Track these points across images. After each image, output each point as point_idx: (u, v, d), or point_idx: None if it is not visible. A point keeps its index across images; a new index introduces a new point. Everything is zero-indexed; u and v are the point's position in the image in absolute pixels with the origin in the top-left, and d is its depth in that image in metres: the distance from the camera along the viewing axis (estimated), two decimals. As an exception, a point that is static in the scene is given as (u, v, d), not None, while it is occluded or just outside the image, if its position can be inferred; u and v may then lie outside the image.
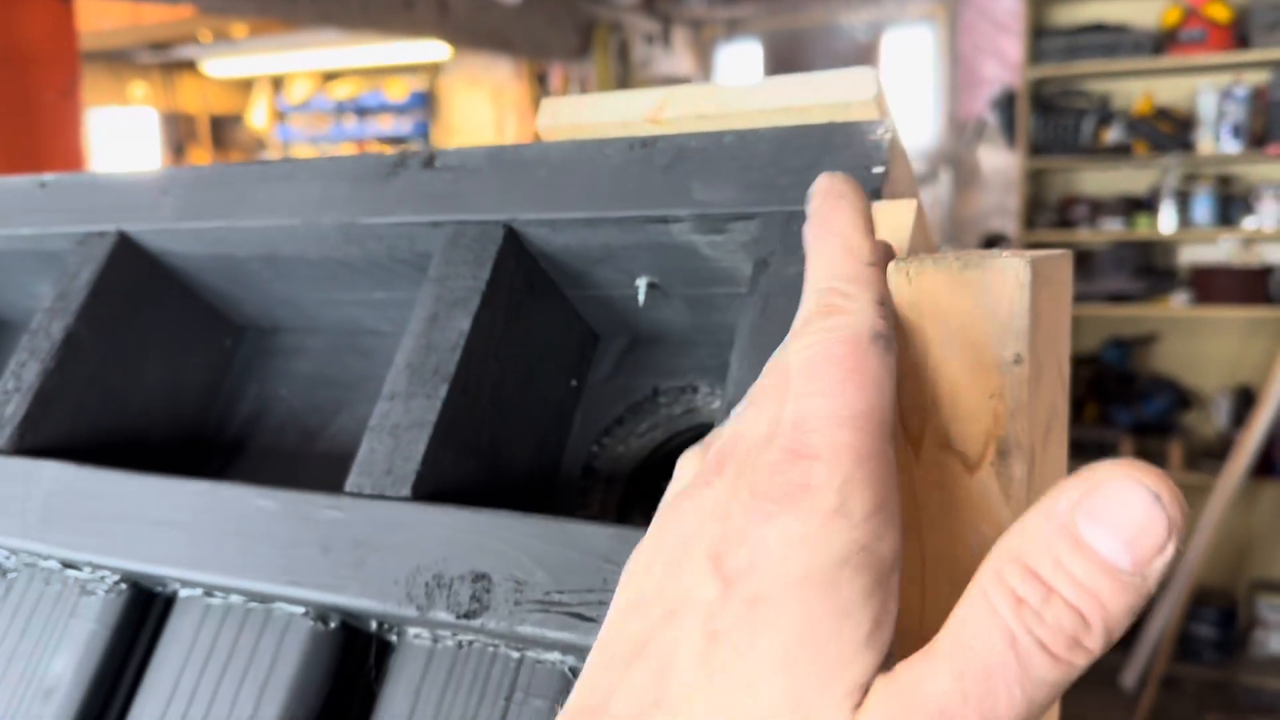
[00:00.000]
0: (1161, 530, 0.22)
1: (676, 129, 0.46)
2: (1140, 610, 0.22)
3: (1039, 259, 0.33)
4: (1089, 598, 0.22)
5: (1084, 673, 0.23)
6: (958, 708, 0.22)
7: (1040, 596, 0.22)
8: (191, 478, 0.47)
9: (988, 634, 0.23)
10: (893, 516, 0.25)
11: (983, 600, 0.23)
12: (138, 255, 0.57)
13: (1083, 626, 0.22)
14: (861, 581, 0.24)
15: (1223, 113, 3.37)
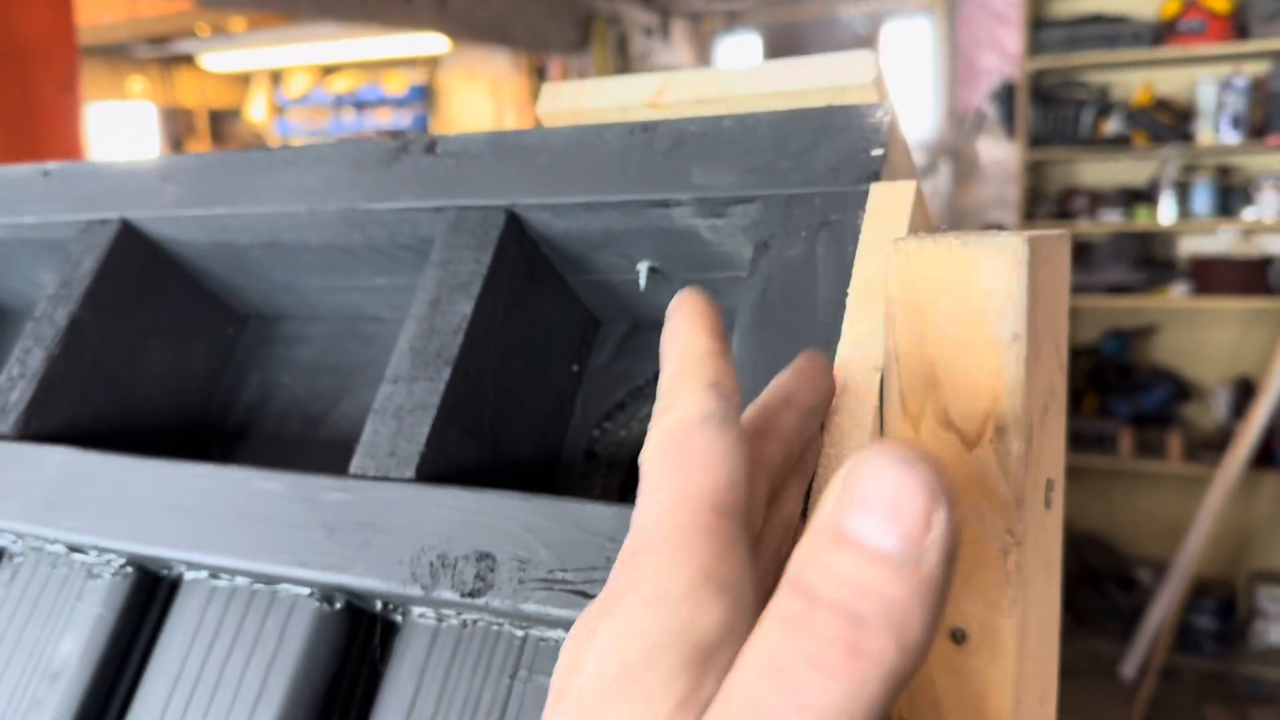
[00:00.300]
0: (920, 496, 0.20)
1: (676, 114, 0.46)
2: (939, 593, 0.20)
3: (1036, 238, 0.34)
4: (858, 592, 0.20)
5: (905, 677, 0.20)
6: None
7: (804, 608, 0.20)
8: (196, 461, 0.47)
9: (753, 670, 0.21)
10: (725, 588, 0.23)
11: (755, 635, 0.21)
12: (140, 243, 0.58)
13: (857, 626, 0.20)
14: (666, 664, 0.22)
15: (1222, 103, 3.37)
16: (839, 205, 0.41)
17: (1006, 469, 0.33)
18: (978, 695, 0.35)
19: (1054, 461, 0.38)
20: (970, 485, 0.34)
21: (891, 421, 0.35)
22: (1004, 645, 0.34)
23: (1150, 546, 3.61)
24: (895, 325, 0.35)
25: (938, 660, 0.35)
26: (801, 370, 0.35)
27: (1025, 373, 0.33)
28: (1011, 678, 0.35)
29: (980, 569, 0.34)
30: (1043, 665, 0.38)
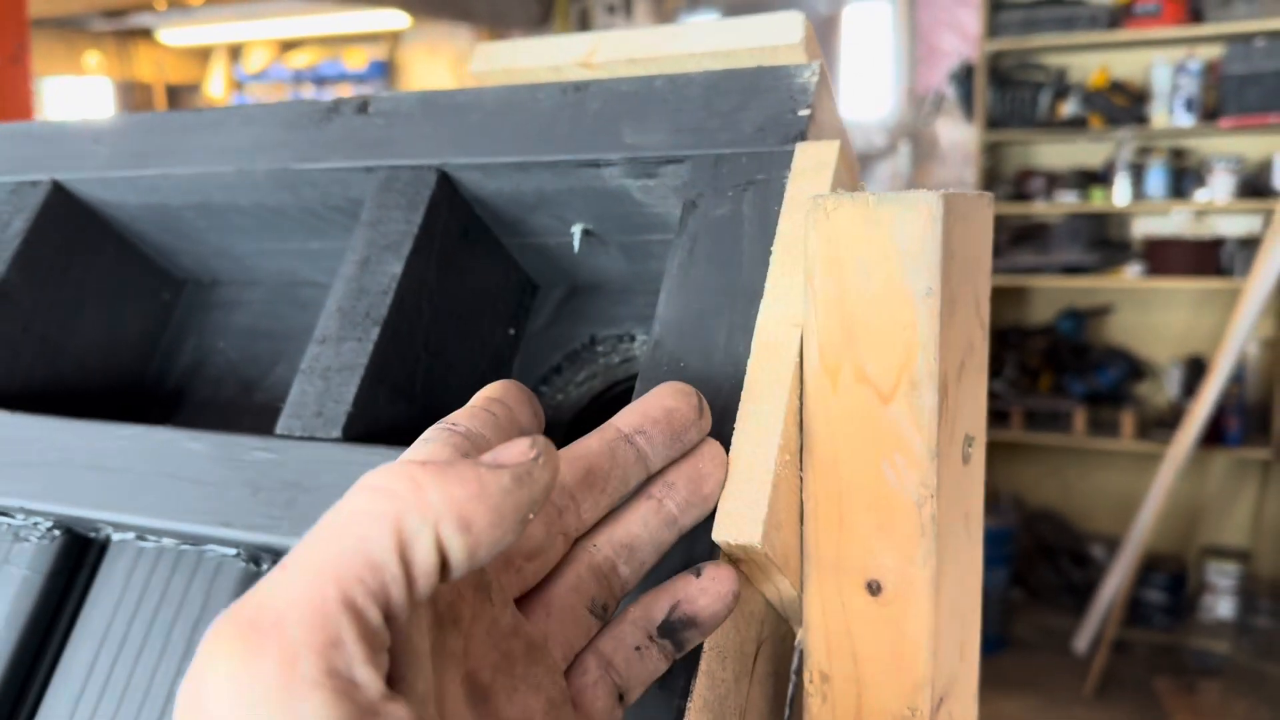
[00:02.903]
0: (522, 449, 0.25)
1: (608, 73, 0.46)
2: (500, 504, 0.23)
3: (952, 195, 0.34)
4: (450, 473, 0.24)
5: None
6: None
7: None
8: (123, 423, 0.47)
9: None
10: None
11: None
12: (71, 204, 0.57)
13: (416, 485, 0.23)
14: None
15: (1176, 86, 3.41)
16: (765, 165, 0.41)
17: (919, 422, 0.34)
18: (894, 646, 0.36)
19: (974, 418, 0.38)
20: (885, 439, 0.34)
21: (811, 378, 0.36)
22: (919, 597, 0.35)
23: (1103, 522, 3.67)
24: (814, 281, 0.35)
25: (855, 612, 0.36)
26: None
27: (939, 327, 0.33)
28: (927, 629, 0.35)
29: (895, 521, 0.35)
30: (962, 618, 0.39)
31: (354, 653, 0.21)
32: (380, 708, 0.22)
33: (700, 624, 0.32)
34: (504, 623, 0.29)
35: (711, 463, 0.34)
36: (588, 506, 0.32)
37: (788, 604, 0.38)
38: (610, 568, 0.32)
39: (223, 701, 0.21)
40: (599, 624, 0.32)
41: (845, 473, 0.35)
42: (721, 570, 0.32)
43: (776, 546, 0.34)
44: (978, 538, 0.41)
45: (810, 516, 0.36)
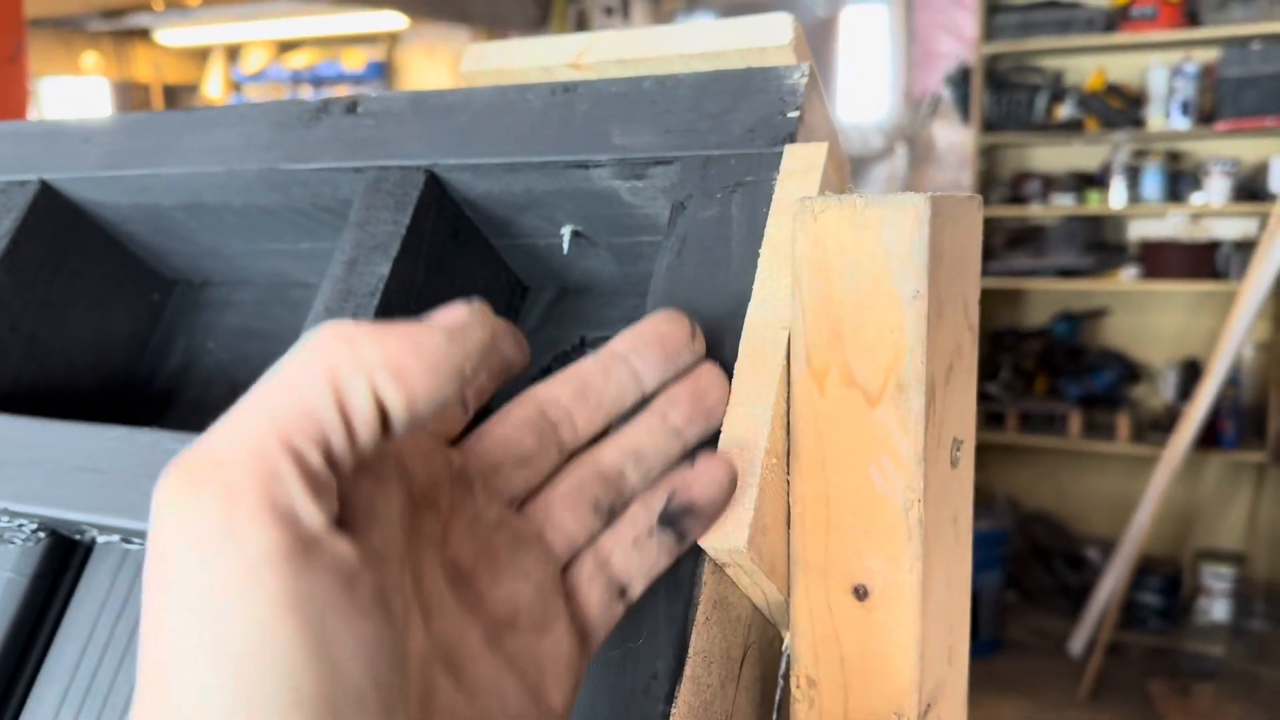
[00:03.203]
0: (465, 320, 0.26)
1: (598, 74, 0.46)
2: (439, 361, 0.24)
3: (940, 198, 0.34)
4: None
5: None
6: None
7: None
8: (109, 424, 0.46)
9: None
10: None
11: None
12: (60, 204, 0.57)
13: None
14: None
15: (1172, 89, 3.41)
16: (754, 166, 0.41)
17: (907, 426, 0.33)
18: (881, 651, 0.35)
19: (962, 421, 0.38)
20: (873, 442, 0.34)
21: (798, 381, 0.35)
22: (906, 602, 0.35)
23: (1098, 525, 3.67)
24: (801, 284, 0.35)
25: (841, 616, 0.36)
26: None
27: (926, 330, 0.33)
28: (914, 634, 0.35)
29: (882, 525, 0.34)
30: (951, 623, 0.39)
31: (294, 488, 0.22)
32: (323, 541, 0.22)
33: (698, 510, 0.32)
34: (488, 517, 0.30)
35: (710, 380, 0.35)
36: (583, 422, 0.32)
37: (775, 608, 0.38)
38: (617, 473, 0.33)
39: (170, 537, 0.22)
40: (603, 524, 0.32)
41: (832, 476, 0.35)
42: (716, 459, 0.33)
43: (763, 551, 0.34)
44: (966, 542, 0.41)
45: (797, 520, 0.36)
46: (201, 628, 0.21)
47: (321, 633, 0.22)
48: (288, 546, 0.22)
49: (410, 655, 0.26)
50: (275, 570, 0.21)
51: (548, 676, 0.30)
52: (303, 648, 0.21)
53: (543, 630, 0.30)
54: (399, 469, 0.28)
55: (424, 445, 0.30)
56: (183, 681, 0.21)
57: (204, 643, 0.21)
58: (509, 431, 0.32)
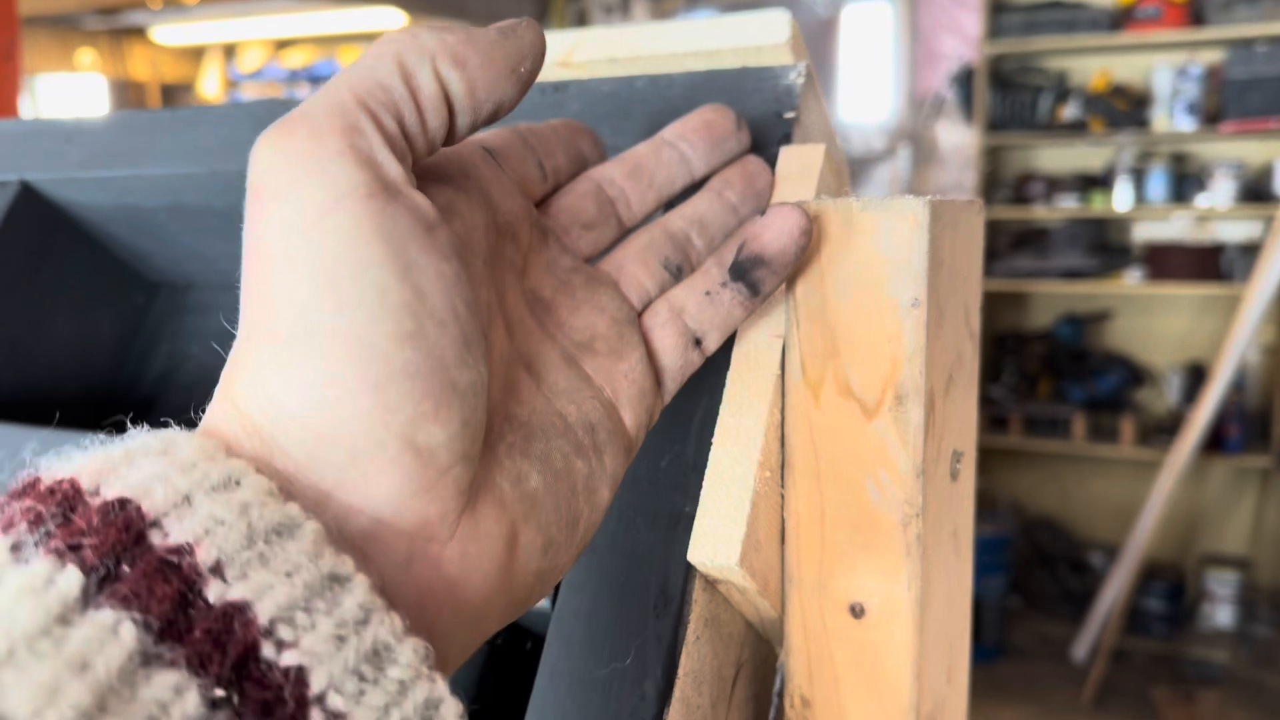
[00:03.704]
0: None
1: (588, 73, 0.44)
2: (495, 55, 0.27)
3: (940, 202, 0.33)
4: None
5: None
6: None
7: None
8: (86, 431, 0.45)
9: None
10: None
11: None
12: (41, 206, 0.55)
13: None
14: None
15: (1177, 90, 3.39)
16: (748, 168, 0.39)
17: (905, 438, 0.32)
18: (877, 671, 0.34)
19: (963, 433, 0.37)
20: (870, 455, 0.33)
21: (792, 391, 0.34)
22: (904, 619, 0.33)
23: (1102, 530, 3.65)
24: (796, 290, 0.34)
25: (837, 635, 0.34)
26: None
27: (926, 339, 0.32)
28: (911, 653, 0.34)
29: (879, 541, 0.33)
30: (950, 641, 0.38)
31: (374, 140, 0.25)
32: (403, 189, 0.25)
33: (768, 260, 0.32)
34: (564, 262, 0.32)
35: (758, 165, 0.37)
36: (636, 200, 0.35)
37: (769, 625, 0.36)
38: (684, 237, 0.34)
39: (266, 173, 0.24)
40: (673, 280, 0.33)
41: (828, 490, 0.34)
42: (786, 209, 0.32)
43: (755, 567, 0.33)
44: (967, 556, 0.40)
45: (792, 535, 0.35)
46: (298, 244, 0.23)
47: (405, 258, 0.24)
48: (370, 184, 0.24)
49: (493, 348, 0.28)
50: (360, 200, 0.23)
51: (621, 398, 0.31)
52: (388, 264, 0.23)
53: (618, 357, 0.31)
54: (482, 193, 0.29)
55: (506, 185, 0.31)
56: (282, 288, 0.23)
57: (300, 256, 0.23)
58: (574, 199, 0.34)
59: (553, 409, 0.29)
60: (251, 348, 0.24)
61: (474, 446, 0.25)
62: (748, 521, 0.32)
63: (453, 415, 0.24)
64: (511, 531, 0.26)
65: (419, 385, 0.23)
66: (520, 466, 0.27)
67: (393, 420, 0.23)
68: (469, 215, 0.28)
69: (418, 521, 0.23)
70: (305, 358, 0.23)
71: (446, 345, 0.24)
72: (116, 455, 0.21)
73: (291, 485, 0.23)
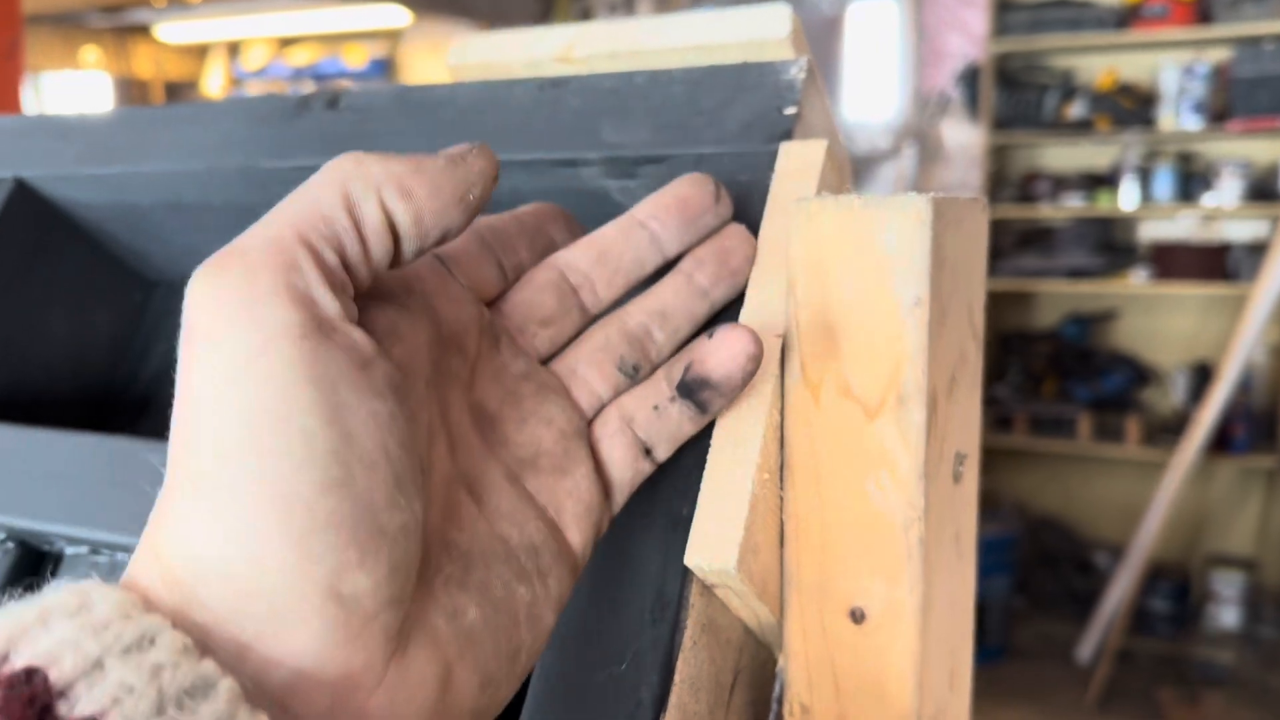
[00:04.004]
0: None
1: (588, 68, 0.44)
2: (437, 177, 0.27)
3: (943, 199, 0.32)
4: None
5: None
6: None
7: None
8: (80, 431, 0.45)
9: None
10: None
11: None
12: (36, 203, 0.55)
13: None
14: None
15: (1184, 89, 3.38)
16: (749, 165, 0.39)
17: (907, 440, 0.32)
18: (878, 676, 0.33)
19: (966, 434, 0.36)
20: (871, 457, 0.32)
21: (792, 392, 0.34)
22: (905, 624, 0.33)
23: (1107, 530, 3.64)
24: (796, 289, 0.33)
25: (837, 640, 0.34)
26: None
27: (928, 339, 0.31)
28: (913, 659, 0.33)
29: (880, 544, 0.32)
30: (952, 646, 0.37)
31: (310, 276, 0.24)
32: (339, 326, 0.24)
33: (715, 385, 0.32)
34: (514, 368, 0.31)
35: (736, 239, 0.35)
36: (602, 285, 0.33)
37: (767, 630, 0.36)
38: (644, 332, 0.33)
39: (198, 312, 0.24)
40: (629, 382, 0.33)
41: (828, 493, 0.33)
42: (734, 332, 0.31)
43: (754, 571, 0.32)
44: (970, 560, 0.39)
45: (791, 539, 0.34)
46: (225, 389, 0.23)
47: (335, 400, 0.23)
48: (303, 324, 0.23)
49: (434, 470, 0.27)
50: (292, 342, 0.23)
51: (566, 515, 0.30)
52: (316, 409, 0.23)
53: (563, 473, 0.31)
54: (427, 308, 0.29)
55: (454, 293, 0.31)
56: (207, 435, 0.23)
57: (226, 402, 0.23)
58: (532, 293, 0.33)
59: (494, 533, 0.28)
60: (175, 496, 0.23)
61: (404, 589, 0.24)
62: (746, 525, 0.32)
63: (380, 561, 0.23)
64: (445, 672, 0.25)
65: (344, 534, 0.23)
66: (457, 600, 0.26)
67: (315, 571, 0.22)
68: (411, 336, 0.28)
69: (341, 672, 0.23)
70: (227, 508, 0.22)
71: (376, 488, 0.23)
72: (30, 617, 0.20)
73: (210, 638, 0.22)
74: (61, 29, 5.28)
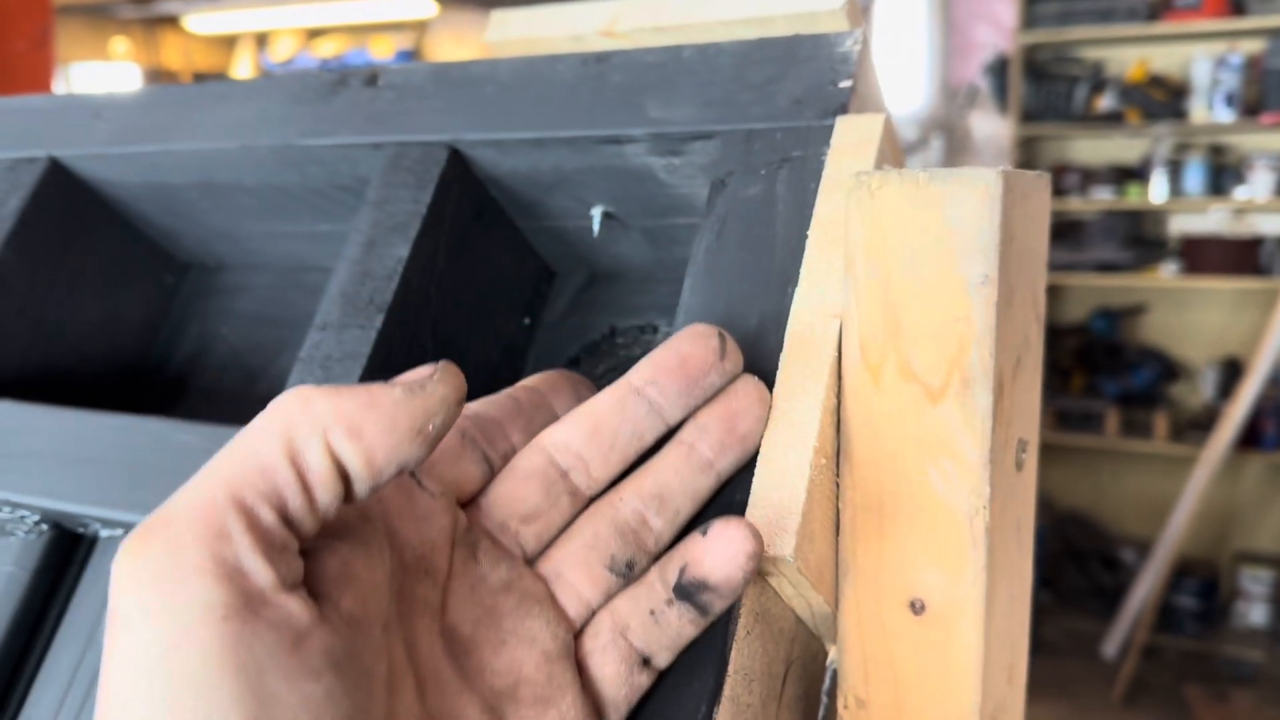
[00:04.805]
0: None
1: (632, 42, 0.43)
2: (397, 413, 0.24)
3: (1012, 173, 0.31)
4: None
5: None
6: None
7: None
8: (115, 413, 0.44)
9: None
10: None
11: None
12: (70, 182, 0.54)
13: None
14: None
15: (1216, 81, 3.33)
16: (802, 140, 0.37)
17: (972, 425, 0.30)
18: (938, 670, 0.32)
19: (1028, 420, 0.35)
20: (933, 442, 0.31)
21: (850, 373, 0.32)
22: (968, 617, 0.32)
23: (1134, 526, 3.61)
24: (856, 267, 0.32)
25: (895, 632, 0.33)
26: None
27: (996, 319, 0.30)
28: (975, 652, 0.32)
29: (943, 534, 0.31)
30: (1011, 640, 0.36)
31: (241, 544, 0.22)
32: (271, 598, 0.22)
33: (714, 587, 0.29)
34: (493, 580, 0.29)
35: (746, 399, 0.31)
36: (597, 465, 0.30)
37: (820, 621, 0.35)
38: (639, 521, 0.30)
39: (119, 591, 0.22)
40: (622, 582, 0.30)
41: (887, 479, 0.32)
42: (729, 528, 0.28)
43: (810, 560, 0.31)
44: (1029, 550, 0.38)
45: (847, 527, 0.33)
46: (141, 681, 0.21)
47: (260, 692, 0.22)
48: (229, 603, 0.22)
49: (401, 717, 0.25)
50: (213, 627, 0.22)
51: None
52: (240, 701, 0.21)
53: (548, 703, 0.28)
54: (390, 533, 0.27)
55: (422, 508, 0.28)
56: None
57: (142, 696, 0.21)
58: (514, 486, 0.30)
59: None
60: None
61: None
62: (802, 511, 0.31)
63: None
64: None
65: None
66: None
67: None
68: (367, 575, 0.25)
69: None
70: None
71: None
72: None
73: None
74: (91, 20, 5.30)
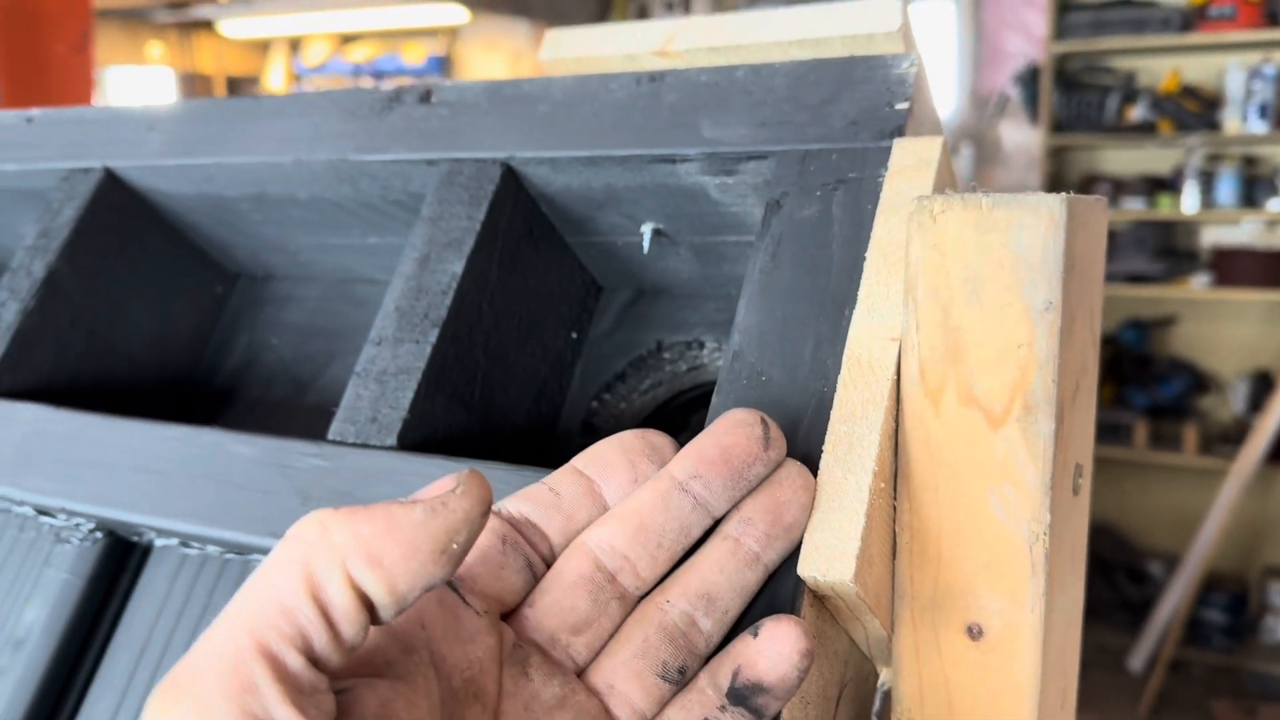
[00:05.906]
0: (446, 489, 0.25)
1: (686, 62, 0.43)
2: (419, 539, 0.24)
3: (1075, 200, 0.31)
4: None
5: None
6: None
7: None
8: (170, 423, 0.44)
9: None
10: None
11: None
12: (124, 193, 0.55)
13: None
14: None
15: (1250, 92, 3.30)
16: (858, 162, 0.38)
17: (1034, 451, 0.30)
18: (994, 696, 0.32)
19: (1083, 445, 0.35)
20: (994, 468, 0.31)
21: (909, 398, 0.32)
22: (1025, 643, 0.32)
23: (1162, 539, 3.57)
24: (916, 291, 0.32)
25: (952, 657, 0.33)
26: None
27: (1058, 346, 0.30)
28: (1032, 678, 0.32)
29: (1002, 559, 0.31)
30: (1064, 664, 0.36)
31: (270, 695, 0.22)
32: None
33: (770, 689, 0.28)
34: (546, 697, 0.28)
35: (791, 488, 0.31)
36: (644, 565, 0.30)
37: (875, 645, 0.35)
38: (688, 623, 0.29)
39: None
40: (674, 689, 0.29)
41: (946, 504, 0.32)
42: (781, 627, 0.28)
43: (869, 584, 0.31)
44: (1082, 574, 0.38)
45: (905, 551, 0.33)
46: None
47: None
48: None
49: None
50: None
51: None
52: None
53: None
54: (436, 659, 0.26)
55: (468, 629, 0.28)
56: None
57: None
58: (562, 594, 0.29)
59: None
60: None
61: None
62: (861, 535, 0.31)
63: None
64: None
65: None
66: None
67: None
68: (408, 715, 0.25)
69: None
70: None
71: None
72: None
73: None
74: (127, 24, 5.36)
